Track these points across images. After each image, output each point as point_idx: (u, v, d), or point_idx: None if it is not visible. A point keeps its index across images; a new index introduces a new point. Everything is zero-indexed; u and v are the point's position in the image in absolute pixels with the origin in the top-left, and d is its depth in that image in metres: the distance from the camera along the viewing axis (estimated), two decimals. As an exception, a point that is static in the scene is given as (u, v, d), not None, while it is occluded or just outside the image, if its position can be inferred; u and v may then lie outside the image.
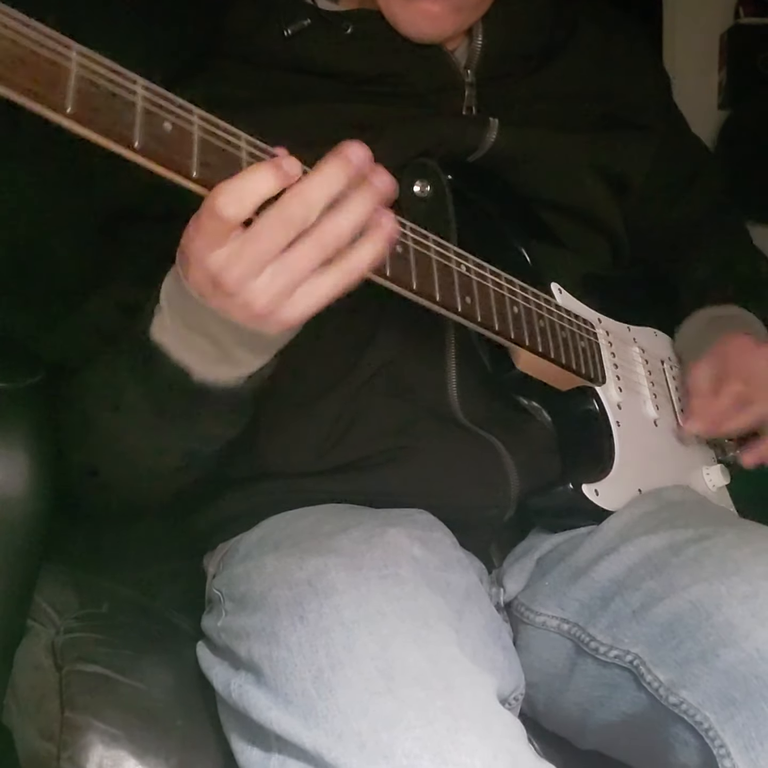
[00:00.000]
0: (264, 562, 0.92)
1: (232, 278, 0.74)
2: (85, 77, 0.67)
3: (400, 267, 0.84)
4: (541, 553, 1.07)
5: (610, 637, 0.94)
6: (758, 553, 0.91)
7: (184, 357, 0.83)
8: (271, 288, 0.74)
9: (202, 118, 0.74)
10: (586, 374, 1.05)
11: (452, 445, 1.03)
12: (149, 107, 0.70)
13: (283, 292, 0.75)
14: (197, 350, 0.83)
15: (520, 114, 1.09)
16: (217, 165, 0.74)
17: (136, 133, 0.69)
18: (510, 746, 0.76)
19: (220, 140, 0.74)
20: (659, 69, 1.29)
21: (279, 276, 0.74)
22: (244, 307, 0.75)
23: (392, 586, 0.86)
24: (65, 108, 0.66)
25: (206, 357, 0.83)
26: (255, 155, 0.76)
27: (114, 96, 0.68)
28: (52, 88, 0.65)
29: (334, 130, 1.01)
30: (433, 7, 1.01)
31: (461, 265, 0.91)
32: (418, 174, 1.03)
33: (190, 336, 0.82)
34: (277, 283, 0.74)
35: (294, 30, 1.03)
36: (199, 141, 0.73)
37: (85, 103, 0.67)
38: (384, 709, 0.76)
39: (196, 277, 0.76)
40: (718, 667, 0.84)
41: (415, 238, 0.86)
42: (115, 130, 0.69)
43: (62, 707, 0.96)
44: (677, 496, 1.07)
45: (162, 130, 0.71)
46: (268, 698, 0.81)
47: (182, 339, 0.82)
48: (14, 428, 0.98)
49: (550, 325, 1.00)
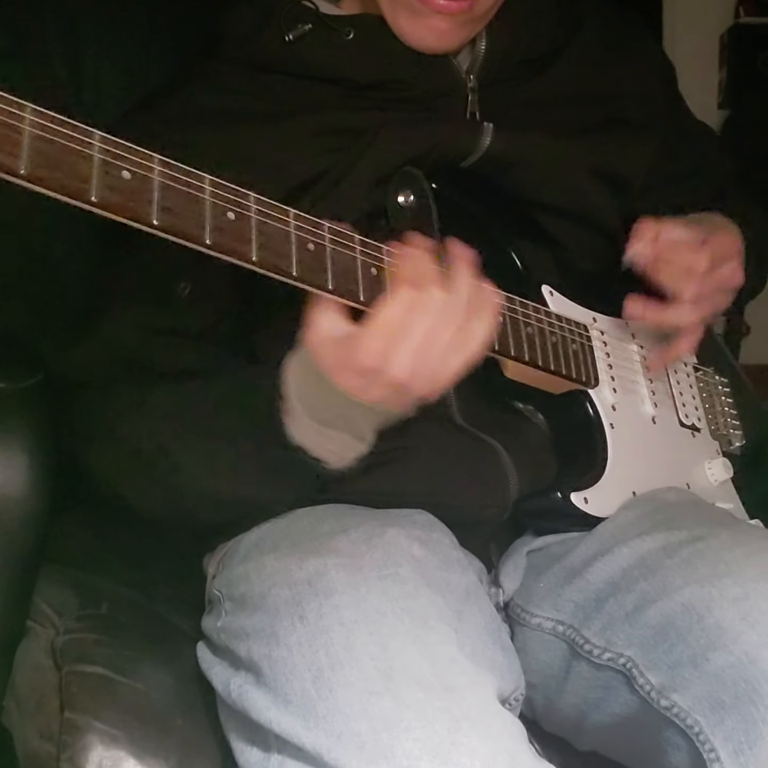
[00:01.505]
0: (264, 562, 0.92)
1: (401, 372, 0.82)
2: (39, 136, 0.67)
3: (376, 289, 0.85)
4: (531, 547, 1.07)
5: (603, 639, 0.94)
6: (750, 555, 0.91)
7: (321, 453, 0.89)
8: (432, 374, 0.83)
9: (162, 164, 0.74)
10: (578, 378, 1.04)
11: (451, 447, 1.03)
12: (106, 158, 0.70)
13: (436, 374, 0.84)
14: (335, 443, 0.89)
15: (519, 118, 1.09)
16: (179, 207, 0.74)
17: (93, 186, 0.69)
18: (509, 746, 0.76)
19: (182, 183, 0.74)
20: (664, 63, 1.28)
21: (434, 361, 0.83)
22: (405, 395, 0.84)
23: (392, 586, 0.86)
24: (18, 170, 0.66)
25: (344, 447, 0.89)
26: (219, 195, 0.76)
27: (70, 151, 0.68)
28: (5, 151, 0.65)
29: (330, 134, 1.02)
30: (441, 24, 1.01)
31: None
32: (403, 184, 1.02)
33: (326, 432, 0.88)
34: (433, 368, 0.83)
35: (295, 35, 1.03)
36: (159, 186, 0.73)
37: (40, 162, 0.67)
38: (383, 710, 0.76)
39: (358, 378, 0.83)
40: (708, 670, 0.84)
41: (389, 261, 0.86)
42: (72, 185, 0.68)
43: (62, 708, 0.97)
44: (673, 498, 1.07)
45: (120, 180, 0.71)
46: (268, 698, 0.81)
47: (319, 434, 0.88)
48: (14, 428, 0.98)
49: (539, 331, 1.00)
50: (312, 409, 0.86)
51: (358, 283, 0.84)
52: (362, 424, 0.88)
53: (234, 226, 0.77)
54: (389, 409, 0.86)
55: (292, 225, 0.81)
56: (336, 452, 0.89)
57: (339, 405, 0.85)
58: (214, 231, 0.76)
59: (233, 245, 0.77)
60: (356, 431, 0.88)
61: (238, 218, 0.77)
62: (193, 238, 0.75)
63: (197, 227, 0.75)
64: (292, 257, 0.80)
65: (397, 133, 1.03)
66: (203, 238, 0.76)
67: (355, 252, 0.85)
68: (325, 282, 0.82)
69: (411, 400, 0.85)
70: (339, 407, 0.85)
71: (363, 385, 0.83)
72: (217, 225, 0.76)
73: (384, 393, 0.83)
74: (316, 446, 0.88)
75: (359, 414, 0.86)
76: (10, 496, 0.96)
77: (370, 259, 0.85)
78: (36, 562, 1.01)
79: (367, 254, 0.85)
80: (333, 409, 0.85)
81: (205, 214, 0.75)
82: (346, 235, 0.85)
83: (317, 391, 0.85)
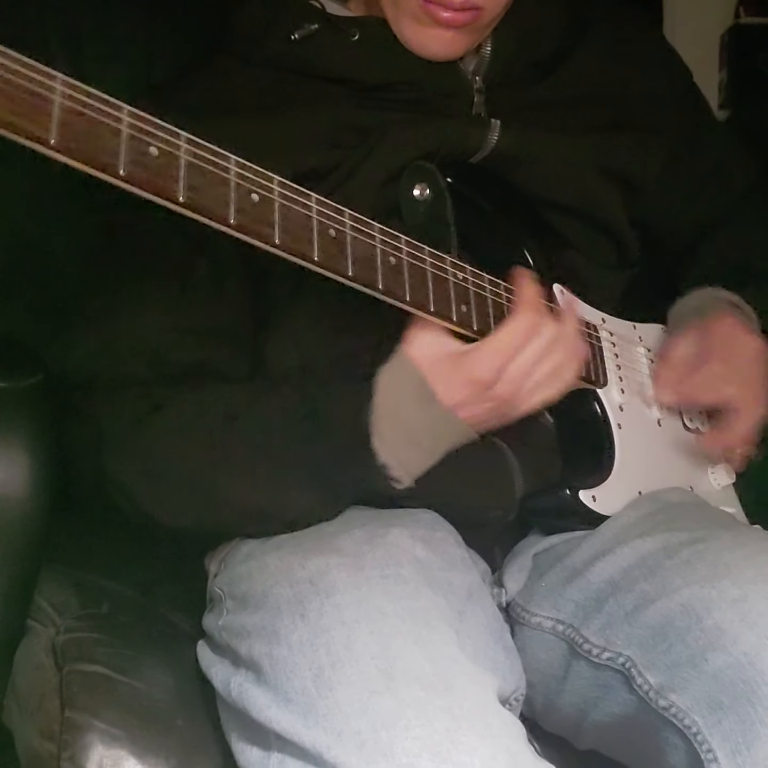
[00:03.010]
0: (266, 561, 0.92)
1: (507, 390, 0.90)
2: (69, 107, 0.66)
3: (393, 279, 0.86)
4: (537, 550, 1.07)
5: (603, 639, 0.94)
6: (750, 557, 0.91)
7: (399, 473, 0.92)
8: (527, 398, 0.92)
9: (189, 142, 0.73)
10: (587, 377, 1.04)
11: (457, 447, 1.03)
12: (134, 133, 0.70)
13: (528, 400, 0.93)
14: (415, 462, 0.92)
15: (527, 117, 1.08)
16: (205, 187, 0.74)
17: (122, 161, 0.69)
18: (509, 746, 0.76)
19: (208, 162, 0.74)
20: (677, 64, 1.25)
21: (533, 385, 0.92)
22: (500, 415, 0.93)
23: (393, 586, 0.86)
24: (49, 140, 0.66)
25: (422, 466, 0.93)
26: (244, 176, 0.76)
27: (99, 124, 0.68)
28: (36, 120, 0.65)
29: (337, 133, 1.02)
30: (446, 33, 1.00)
31: (457, 275, 0.92)
32: (417, 177, 1.02)
33: (410, 449, 0.91)
34: (530, 392, 0.92)
35: (302, 35, 1.02)
36: (186, 164, 0.73)
37: (70, 133, 0.66)
38: (384, 708, 0.76)
39: (467, 392, 0.89)
40: (706, 671, 0.84)
41: (409, 251, 0.87)
42: (101, 159, 0.68)
43: (62, 707, 0.96)
44: (676, 499, 1.07)
45: (148, 156, 0.71)
46: (268, 696, 0.81)
47: (407, 451, 0.91)
48: (14, 428, 0.98)
49: None
50: (403, 427, 0.90)
51: (377, 272, 0.84)
52: (445, 444, 0.93)
53: (258, 208, 0.77)
54: (479, 428, 0.92)
55: (314, 210, 0.81)
56: (412, 473, 0.92)
57: (434, 422, 0.90)
58: (238, 212, 0.75)
59: (257, 227, 0.77)
60: (435, 451, 0.92)
61: (261, 201, 0.77)
62: (218, 218, 0.75)
63: (223, 207, 0.75)
64: (314, 243, 0.80)
65: (404, 131, 1.03)
66: (228, 218, 0.75)
67: (375, 241, 0.85)
68: (345, 269, 0.83)
69: (499, 422, 0.92)
70: (434, 425, 0.90)
71: (469, 400, 0.88)
72: (241, 206, 0.76)
73: (484, 410, 0.90)
74: (399, 465, 0.91)
75: (448, 432, 0.91)
76: (11, 495, 0.96)
77: (389, 248, 0.86)
78: (37, 562, 1.01)
79: (387, 243, 0.86)
80: (427, 426, 0.90)
81: (230, 195, 0.75)
82: (366, 223, 0.85)
83: (416, 408, 0.89)
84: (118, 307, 0.99)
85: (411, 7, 0.99)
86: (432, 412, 0.89)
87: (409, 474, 0.92)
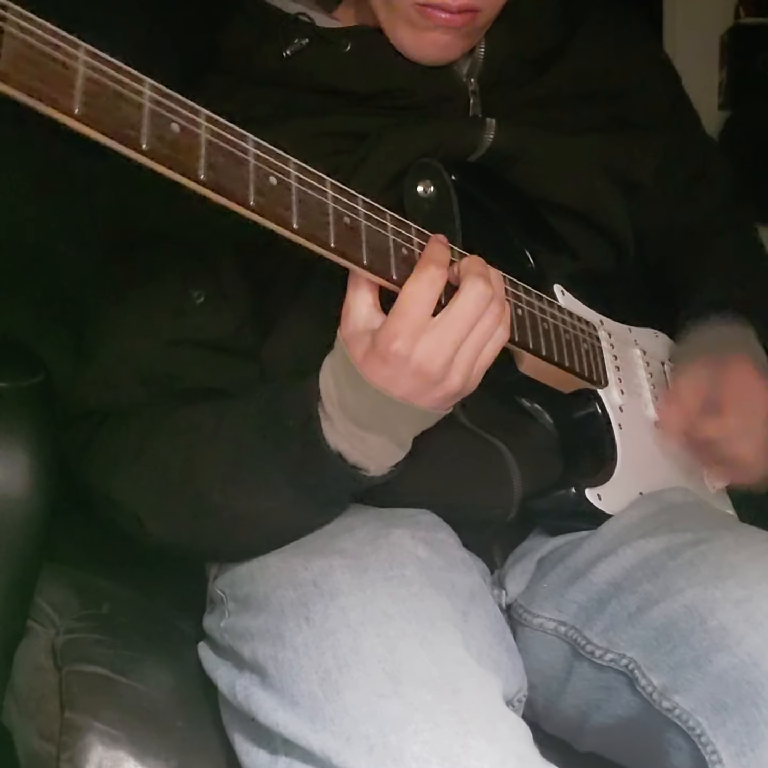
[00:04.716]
0: (267, 562, 0.92)
1: (436, 366, 0.82)
2: (93, 78, 0.66)
3: (405, 270, 0.84)
4: (542, 554, 1.07)
5: (606, 640, 0.93)
6: (754, 557, 0.91)
7: (360, 460, 0.88)
8: (465, 367, 0.84)
9: (209, 120, 0.73)
10: (589, 377, 1.04)
11: (456, 447, 1.03)
12: (156, 108, 0.69)
13: (470, 368, 0.85)
14: (375, 448, 0.88)
15: (523, 116, 1.08)
16: (224, 167, 0.73)
17: (144, 135, 0.68)
18: (518, 749, 0.76)
19: (227, 142, 0.74)
20: (666, 63, 1.27)
21: (468, 355, 0.84)
22: (443, 389, 0.84)
23: (398, 588, 0.86)
24: (73, 109, 0.65)
25: (384, 452, 0.89)
26: (262, 158, 0.76)
27: (122, 97, 0.67)
28: (60, 88, 0.64)
29: (333, 141, 1.01)
30: (443, 37, 1.00)
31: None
32: (422, 174, 1.02)
33: (365, 435, 0.86)
34: (468, 361, 0.84)
35: (293, 50, 1.02)
36: (206, 142, 0.72)
37: (93, 104, 0.66)
38: (392, 712, 0.76)
39: (392, 373, 0.82)
40: (710, 672, 0.84)
41: (419, 242, 0.86)
42: (123, 131, 0.68)
43: (62, 708, 0.96)
44: (678, 499, 1.07)
45: (169, 132, 0.70)
46: (274, 700, 0.81)
47: (357, 437, 0.87)
48: (15, 428, 0.98)
49: (554, 327, 1.00)
50: (349, 410, 0.85)
51: (390, 261, 0.84)
52: (400, 426, 0.87)
53: (276, 191, 0.76)
54: (421, 407, 0.85)
55: (330, 196, 0.80)
56: (375, 458, 0.89)
57: (375, 404, 0.84)
58: (257, 194, 0.75)
59: (276, 210, 0.76)
60: (395, 435, 0.88)
61: (279, 183, 0.76)
62: (238, 198, 0.74)
63: (242, 188, 0.74)
64: (330, 229, 0.80)
65: (400, 134, 1.03)
66: (248, 199, 0.74)
67: (387, 230, 0.84)
68: (360, 257, 0.82)
69: (443, 397, 0.85)
70: (375, 407, 0.84)
71: (391, 375, 0.83)
72: (260, 188, 0.75)
73: (412, 385, 0.83)
74: (354, 451, 0.87)
75: (395, 414, 0.85)
76: (12, 496, 0.96)
77: (401, 238, 0.85)
78: (37, 562, 1.01)
79: (398, 233, 0.85)
80: (369, 409, 0.85)
81: (249, 177, 0.74)
82: (379, 211, 0.84)
83: (354, 391, 0.84)
84: (116, 332, 0.99)
85: (407, 11, 0.98)
86: (371, 395, 0.84)
87: (375, 462, 0.89)
